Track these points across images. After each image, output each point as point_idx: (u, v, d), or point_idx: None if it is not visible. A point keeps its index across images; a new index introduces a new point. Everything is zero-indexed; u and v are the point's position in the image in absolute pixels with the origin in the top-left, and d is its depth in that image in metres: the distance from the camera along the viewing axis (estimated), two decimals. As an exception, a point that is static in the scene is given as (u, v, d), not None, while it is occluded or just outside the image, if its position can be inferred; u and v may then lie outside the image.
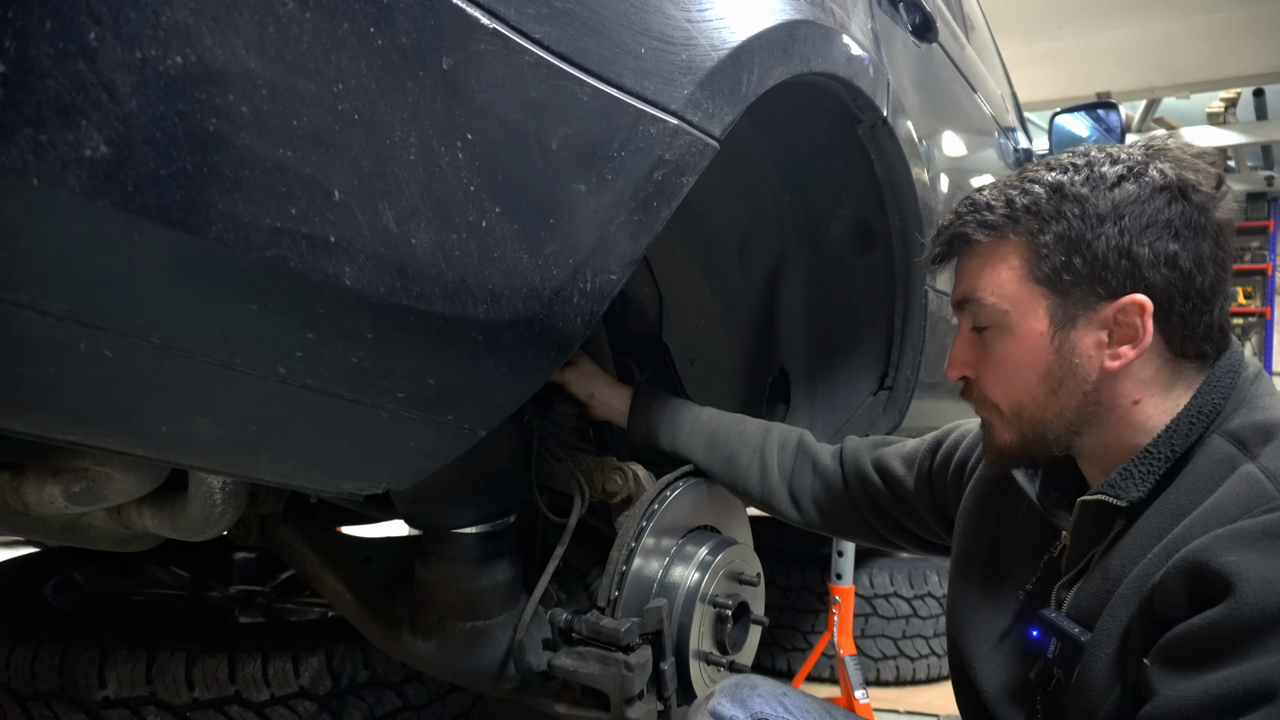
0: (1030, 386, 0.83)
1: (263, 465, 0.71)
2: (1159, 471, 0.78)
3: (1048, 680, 0.85)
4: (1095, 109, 2.71)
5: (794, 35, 0.93)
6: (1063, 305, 0.80)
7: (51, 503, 0.96)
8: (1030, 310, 0.82)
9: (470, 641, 1.14)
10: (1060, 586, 0.86)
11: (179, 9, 0.45)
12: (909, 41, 1.56)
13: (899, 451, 1.18)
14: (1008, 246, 0.82)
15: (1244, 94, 7.23)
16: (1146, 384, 0.80)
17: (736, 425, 1.25)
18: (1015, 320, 0.82)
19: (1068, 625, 0.80)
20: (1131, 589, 0.76)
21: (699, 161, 0.79)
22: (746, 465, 1.22)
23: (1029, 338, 0.82)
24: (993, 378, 0.86)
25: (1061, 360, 0.81)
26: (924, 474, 1.12)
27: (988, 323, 0.85)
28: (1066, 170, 0.81)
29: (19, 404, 0.55)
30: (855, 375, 1.59)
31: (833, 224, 1.50)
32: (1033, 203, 0.81)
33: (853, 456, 1.20)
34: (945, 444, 1.12)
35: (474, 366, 0.68)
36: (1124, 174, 0.78)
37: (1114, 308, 0.78)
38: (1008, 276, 0.82)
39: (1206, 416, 0.78)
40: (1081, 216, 0.78)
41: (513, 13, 0.60)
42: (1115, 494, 0.79)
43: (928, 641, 2.46)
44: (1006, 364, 0.84)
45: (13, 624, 1.40)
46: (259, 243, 0.51)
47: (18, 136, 0.42)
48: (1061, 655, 0.80)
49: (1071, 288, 0.79)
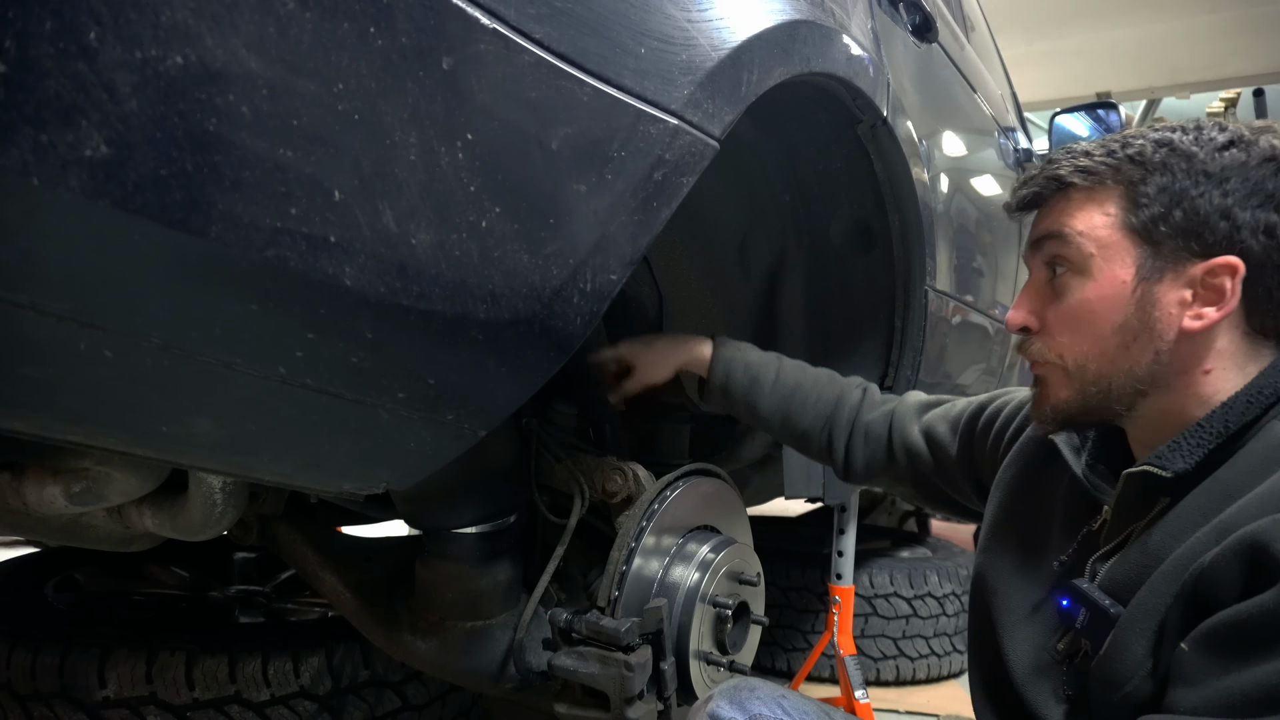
0: (1103, 337, 0.80)
1: (263, 465, 0.71)
2: (1208, 446, 0.76)
3: (1075, 652, 0.84)
4: (1095, 109, 2.70)
5: (794, 35, 0.93)
6: (1153, 257, 0.78)
7: (51, 503, 0.96)
8: (1117, 257, 0.79)
9: (470, 641, 1.14)
10: (1096, 559, 0.84)
11: (179, 9, 0.45)
12: (909, 41, 1.56)
13: (946, 414, 1.17)
14: (1106, 192, 0.80)
15: (1244, 94, 7.23)
16: (1220, 355, 0.78)
17: (810, 398, 1.28)
18: (1099, 265, 0.80)
19: (1099, 596, 0.79)
20: (1175, 568, 0.74)
21: (699, 162, 0.79)
22: (815, 440, 1.29)
23: (1110, 284, 0.79)
24: (1061, 326, 0.83)
25: (1141, 313, 0.78)
26: (965, 439, 1.12)
27: (1067, 263, 0.82)
28: (1175, 130, 0.80)
29: (19, 404, 0.55)
30: (855, 375, 1.59)
31: (833, 224, 1.50)
32: (1138, 152, 0.79)
33: (900, 427, 1.22)
34: (988, 410, 1.10)
35: (474, 366, 0.68)
36: (1234, 140, 0.77)
37: (1204, 267, 0.76)
38: (1101, 220, 0.80)
39: (1266, 398, 0.75)
40: (1188, 172, 0.77)
41: (513, 13, 0.61)
42: (1160, 465, 0.77)
43: (928, 641, 2.46)
44: (1081, 311, 0.81)
45: (13, 624, 1.40)
46: (259, 243, 0.51)
47: (18, 136, 0.42)
48: (1090, 626, 0.79)
49: (1166, 239, 0.77)
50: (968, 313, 1.80)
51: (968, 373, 1.95)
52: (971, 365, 1.96)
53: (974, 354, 1.95)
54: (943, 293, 1.59)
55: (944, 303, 1.61)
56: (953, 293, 1.67)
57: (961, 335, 1.79)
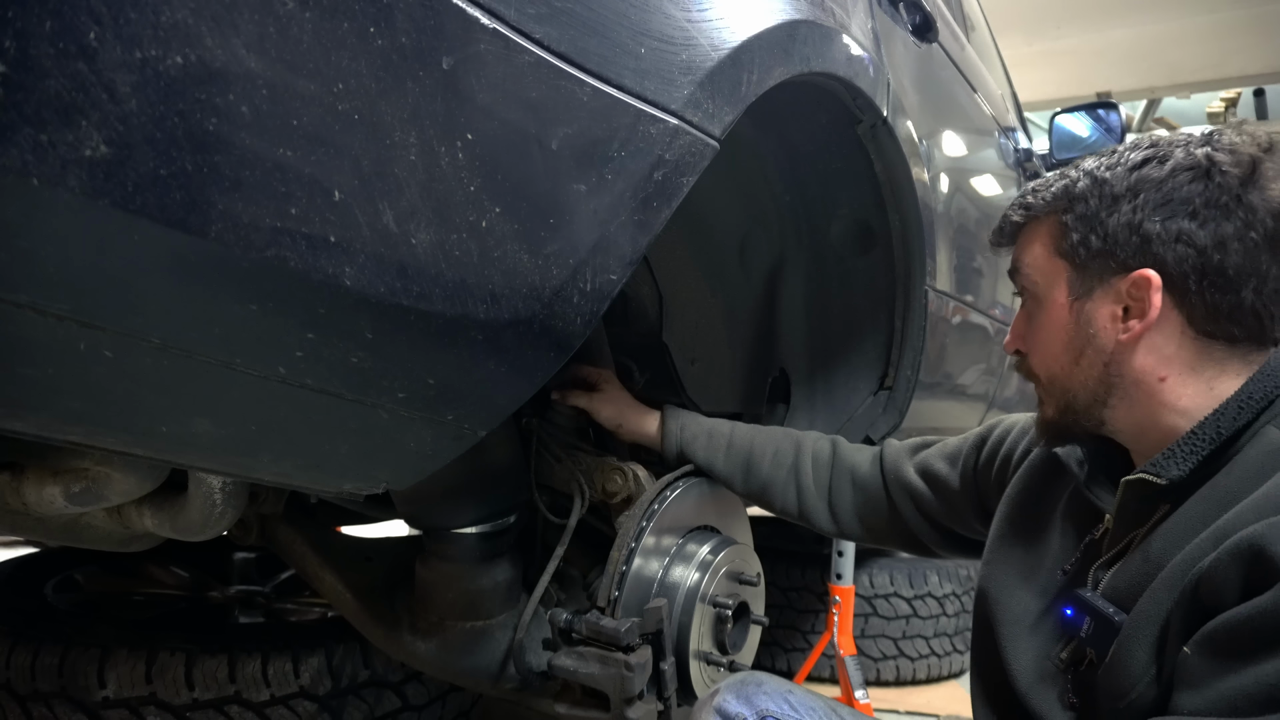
0: (1058, 355, 0.88)
1: (263, 465, 0.71)
2: (1202, 453, 0.78)
3: (1079, 660, 0.85)
4: (1095, 109, 2.71)
5: (794, 35, 0.93)
6: (1080, 278, 0.86)
7: (51, 503, 0.95)
8: (1055, 282, 0.88)
9: (470, 641, 1.14)
10: (1098, 567, 0.86)
11: (179, 9, 0.45)
12: (909, 41, 1.56)
13: (941, 451, 1.19)
14: (1041, 225, 0.90)
15: (1244, 94, 7.23)
16: (1169, 361, 0.82)
17: (769, 446, 1.26)
18: (1045, 291, 0.89)
19: (1102, 605, 0.81)
20: (1175, 574, 0.75)
21: (699, 161, 0.79)
22: (783, 489, 1.25)
23: (1054, 307, 0.88)
24: (1033, 348, 0.92)
25: (1080, 329, 0.86)
26: (969, 469, 1.14)
27: (1027, 293, 0.92)
28: (1102, 157, 0.87)
29: (19, 404, 0.55)
30: (855, 375, 1.59)
31: (833, 224, 1.50)
32: (1064, 188, 0.87)
33: (893, 464, 1.22)
34: (991, 439, 1.14)
35: (474, 366, 0.68)
36: (1149, 157, 0.82)
37: (1126, 282, 0.82)
38: (1040, 251, 0.90)
39: (1257, 403, 0.77)
40: (1099, 196, 0.83)
41: (513, 13, 0.60)
42: (1156, 472, 0.80)
43: (928, 641, 2.46)
44: (1041, 333, 0.90)
45: (13, 624, 1.40)
46: (259, 243, 0.51)
47: (18, 136, 0.42)
48: (1095, 635, 0.81)
49: (1089, 261, 0.84)
50: (968, 313, 1.80)
51: (968, 373, 1.95)
52: (971, 365, 1.96)
53: (974, 354, 1.95)
54: (943, 293, 1.59)
55: (944, 303, 1.61)
56: (953, 293, 1.67)
57: (961, 335, 1.79)
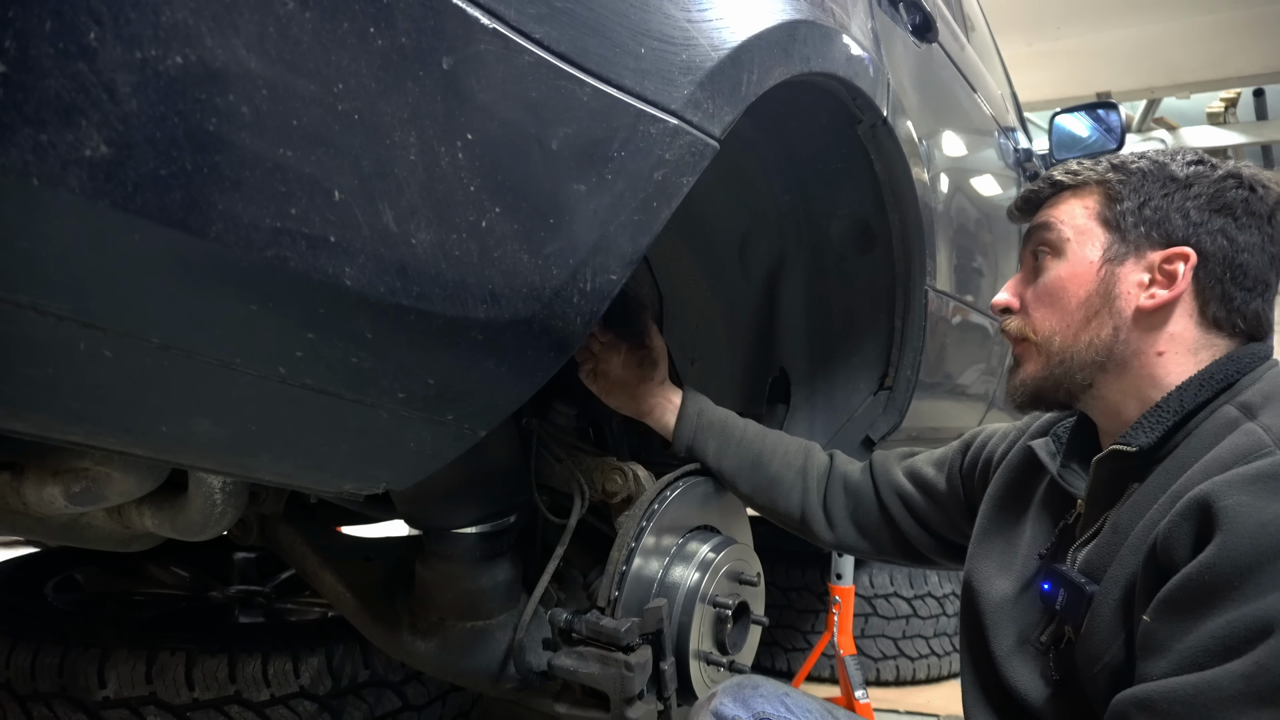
0: (1069, 311, 0.91)
1: (263, 465, 0.70)
2: (1167, 423, 0.84)
3: (1059, 639, 0.89)
4: (1095, 109, 2.70)
5: (794, 35, 0.93)
6: (1119, 243, 0.89)
7: (51, 503, 0.95)
8: (1088, 241, 0.91)
9: (470, 641, 1.14)
10: (1075, 549, 0.90)
11: (179, 9, 0.45)
12: (909, 41, 1.56)
13: (929, 458, 1.23)
14: (1088, 190, 0.93)
15: (1244, 94, 7.23)
16: (1173, 339, 0.87)
17: (780, 446, 1.27)
18: (1073, 247, 0.92)
19: (1075, 575, 0.86)
20: (1139, 538, 0.81)
21: (699, 162, 0.79)
22: (789, 488, 1.25)
23: (1080, 264, 0.91)
24: (1036, 302, 0.94)
25: (1104, 289, 0.89)
26: (955, 474, 1.18)
27: (1048, 248, 0.94)
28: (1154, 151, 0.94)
29: (19, 404, 0.55)
30: (855, 375, 1.59)
31: (833, 224, 1.50)
32: (1121, 162, 0.92)
33: (883, 469, 1.24)
34: (974, 444, 1.18)
35: (474, 366, 0.68)
36: (1202, 160, 0.91)
37: (1162, 255, 0.87)
38: (1080, 211, 0.93)
39: (1219, 382, 0.84)
40: (1159, 177, 0.89)
41: (513, 13, 0.60)
42: (1126, 442, 0.85)
43: (928, 641, 2.46)
44: (1053, 287, 0.92)
45: (13, 624, 1.40)
46: (259, 243, 0.51)
47: (18, 136, 0.42)
48: (1068, 604, 0.86)
49: (1132, 229, 0.89)
50: (968, 313, 1.80)
51: (968, 373, 1.95)
52: (971, 365, 1.96)
53: (974, 354, 1.95)
54: (943, 293, 1.59)
55: (944, 303, 1.61)
56: (953, 293, 1.67)
57: (961, 335, 1.79)
